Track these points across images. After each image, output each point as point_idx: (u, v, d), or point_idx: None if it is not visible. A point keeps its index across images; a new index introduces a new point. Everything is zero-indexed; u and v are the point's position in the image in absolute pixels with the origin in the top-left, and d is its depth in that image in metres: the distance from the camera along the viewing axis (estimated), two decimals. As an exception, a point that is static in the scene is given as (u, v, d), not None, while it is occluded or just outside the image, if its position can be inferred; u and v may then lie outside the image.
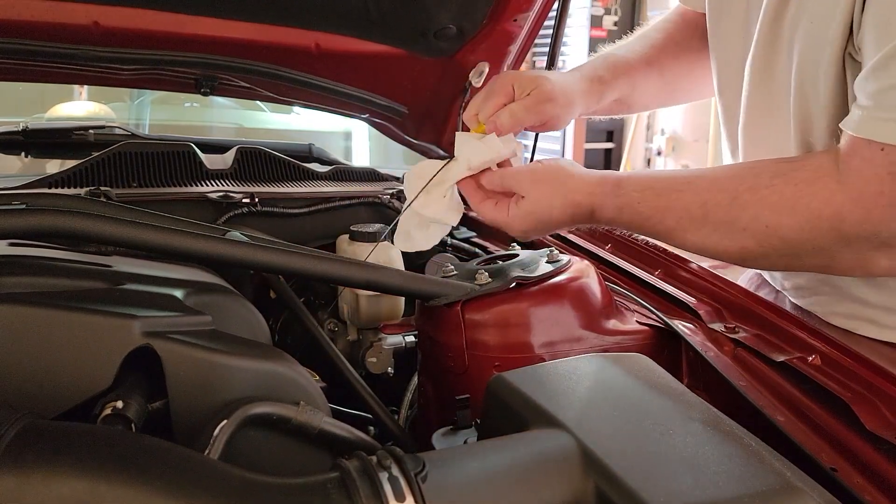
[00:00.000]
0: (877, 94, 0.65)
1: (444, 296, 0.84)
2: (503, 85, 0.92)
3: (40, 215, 0.70)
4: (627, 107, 1.10)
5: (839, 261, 0.70)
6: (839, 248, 0.69)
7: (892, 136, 0.63)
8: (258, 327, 0.79)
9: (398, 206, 1.34)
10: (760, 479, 0.48)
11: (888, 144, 0.64)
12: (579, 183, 0.83)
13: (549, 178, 0.84)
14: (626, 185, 0.81)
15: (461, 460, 0.50)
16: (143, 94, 2.50)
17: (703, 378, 0.82)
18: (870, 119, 0.65)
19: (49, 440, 0.45)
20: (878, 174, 0.65)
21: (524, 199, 0.84)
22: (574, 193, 0.83)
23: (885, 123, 0.64)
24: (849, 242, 0.68)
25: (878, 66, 0.64)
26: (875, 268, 0.70)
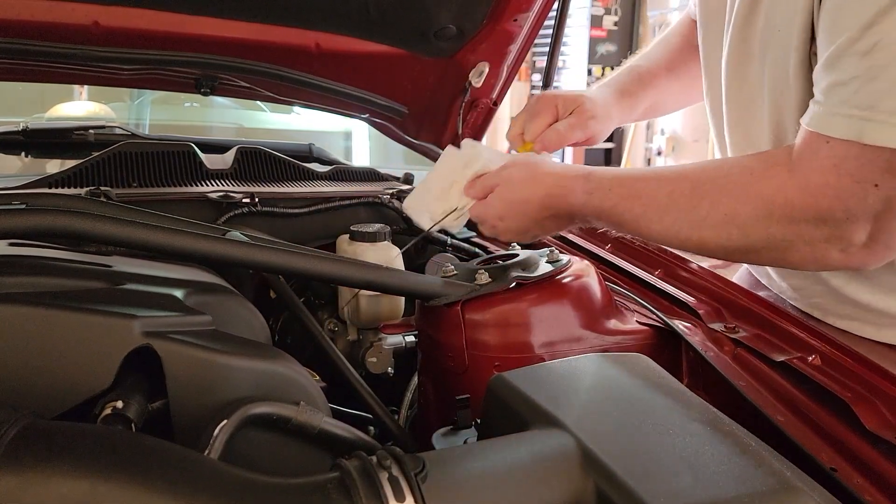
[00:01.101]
0: (826, 89, 0.67)
1: (444, 296, 0.84)
2: (546, 104, 1.00)
3: (40, 215, 0.70)
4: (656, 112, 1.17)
5: (793, 253, 0.71)
6: (792, 238, 0.70)
7: (836, 130, 0.65)
8: (258, 327, 0.79)
9: (398, 206, 1.34)
10: (760, 479, 0.48)
11: (833, 138, 0.65)
12: (549, 168, 0.87)
13: (520, 164, 0.89)
14: (596, 173, 0.84)
15: (461, 460, 0.50)
16: (143, 94, 2.50)
17: (703, 378, 0.82)
18: (819, 114, 0.67)
19: (49, 440, 0.45)
20: (823, 166, 0.66)
21: (498, 186, 0.88)
22: (544, 177, 0.86)
23: (832, 118, 0.65)
24: (800, 232, 0.69)
25: (828, 63, 0.66)
26: (829, 260, 0.71)
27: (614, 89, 1.08)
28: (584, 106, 1.00)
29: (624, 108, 1.07)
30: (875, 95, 0.62)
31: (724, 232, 0.73)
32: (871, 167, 0.64)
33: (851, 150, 0.64)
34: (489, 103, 1.41)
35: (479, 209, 0.91)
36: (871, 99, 0.62)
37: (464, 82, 1.33)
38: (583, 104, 1.00)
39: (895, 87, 0.61)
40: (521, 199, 0.87)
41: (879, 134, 0.62)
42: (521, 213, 0.87)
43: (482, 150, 0.95)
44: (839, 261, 0.70)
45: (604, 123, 1.02)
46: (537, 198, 0.85)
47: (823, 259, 0.70)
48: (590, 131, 1.00)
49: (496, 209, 0.89)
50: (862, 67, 0.62)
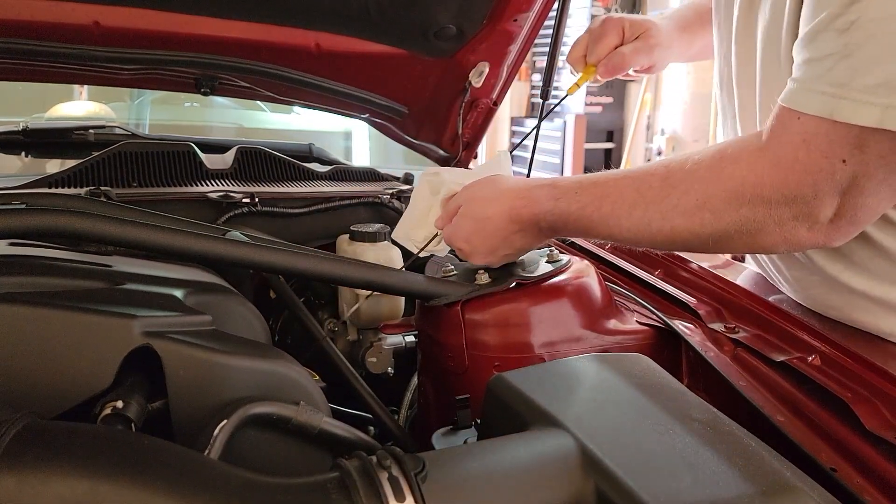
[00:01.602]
0: (801, 65, 0.67)
1: (444, 296, 0.84)
2: (613, 27, 0.98)
3: (40, 215, 0.70)
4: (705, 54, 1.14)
5: (765, 235, 0.70)
6: (762, 219, 0.69)
7: (807, 106, 0.65)
8: (258, 327, 0.79)
9: (398, 206, 1.34)
10: (760, 479, 0.48)
11: (804, 114, 0.65)
12: (513, 183, 0.86)
13: (482, 182, 0.88)
14: (561, 180, 0.83)
15: (461, 460, 0.50)
16: (143, 93, 2.50)
17: (703, 378, 0.82)
18: (793, 90, 0.67)
19: (49, 440, 0.45)
20: (793, 141, 0.66)
21: (462, 206, 0.86)
22: (508, 191, 0.84)
23: (805, 94, 0.65)
24: (770, 212, 0.69)
25: (807, 39, 0.66)
26: (798, 239, 0.70)
27: (676, 23, 1.06)
28: (651, 32, 0.99)
29: (683, 42, 1.05)
30: (848, 73, 0.62)
31: (697, 218, 0.72)
32: (840, 143, 0.64)
33: (822, 126, 0.64)
34: (489, 103, 1.42)
35: (448, 232, 0.89)
36: (843, 76, 0.62)
37: (464, 82, 1.33)
38: (649, 30, 0.99)
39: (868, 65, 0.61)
40: (485, 216, 0.84)
41: (850, 111, 0.62)
42: (488, 232, 0.84)
43: (444, 173, 0.95)
44: (807, 239, 0.70)
45: (666, 53, 1.01)
46: (502, 212, 0.83)
47: (793, 238, 0.70)
48: (654, 57, 1.00)
49: (463, 230, 0.86)
50: (839, 44, 0.62)
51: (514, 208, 0.83)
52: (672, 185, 0.73)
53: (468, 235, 0.85)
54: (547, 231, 0.84)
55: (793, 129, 0.66)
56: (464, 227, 0.86)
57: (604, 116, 5.70)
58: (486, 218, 0.84)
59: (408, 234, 0.98)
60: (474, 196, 0.86)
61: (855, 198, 0.66)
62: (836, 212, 0.67)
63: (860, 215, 0.69)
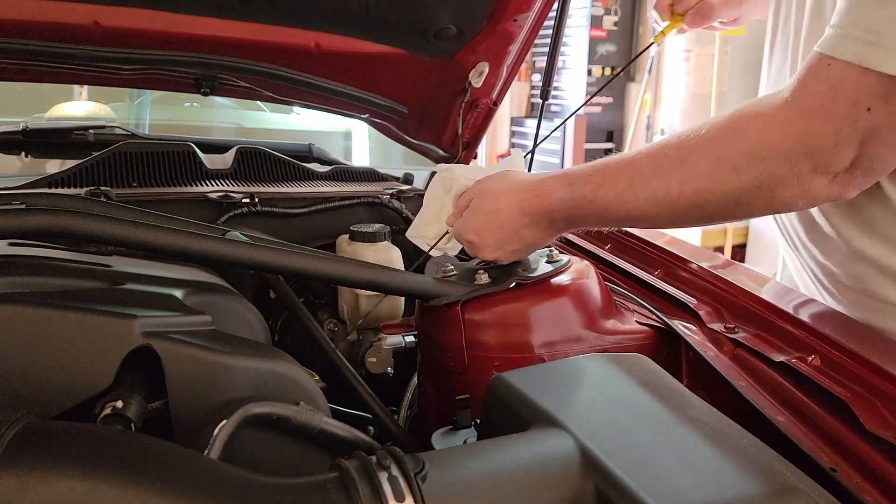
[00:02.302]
0: (841, 10, 0.67)
1: (444, 296, 0.84)
2: None
3: (40, 215, 0.70)
4: None
5: (784, 189, 0.70)
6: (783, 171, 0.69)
7: (840, 51, 0.65)
8: (258, 327, 0.79)
9: (398, 206, 1.34)
10: (760, 479, 0.49)
11: (835, 59, 0.65)
12: (524, 176, 0.86)
13: (494, 176, 0.87)
14: (572, 169, 0.83)
15: (461, 460, 0.50)
16: (143, 93, 2.50)
17: (703, 378, 0.82)
18: (829, 36, 0.67)
19: (49, 440, 0.45)
20: (820, 89, 0.66)
21: (473, 199, 0.86)
22: (520, 182, 0.84)
23: (839, 39, 0.65)
24: (791, 163, 0.68)
25: None
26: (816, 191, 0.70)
27: None
28: None
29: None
30: (884, 22, 0.62)
31: (717, 176, 0.71)
32: (867, 91, 0.64)
33: (851, 73, 0.64)
34: (489, 103, 1.41)
35: (458, 226, 0.88)
36: (879, 24, 0.62)
37: (464, 82, 1.33)
38: None
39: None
40: (496, 208, 0.84)
41: (880, 59, 0.62)
42: (498, 224, 0.84)
43: (456, 170, 0.95)
44: (824, 191, 0.70)
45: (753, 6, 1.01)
46: (514, 204, 0.83)
47: (811, 192, 0.70)
48: (742, 10, 1.00)
49: (473, 223, 0.86)
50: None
51: (526, 199, 0.82)
52: (688, 151, 0.73)
53: (478, 228, 0.85)
54: (560, 223, 0.83)
55: (822, 75, 0.66)
56: (474, 219, 0.85)
57: (604, 116, 5.70)
58: (497, 210, 0.83)
59: (420, 231, 0.99)
60: (485, 189, 0.86)
61: (874, 148, 0.67)
62: (852, 162, 0.68)
63: (876, 166, 0.69)
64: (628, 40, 5.66)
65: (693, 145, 0.73)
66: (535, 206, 0.82)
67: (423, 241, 0.98)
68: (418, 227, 0.99)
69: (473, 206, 0.86)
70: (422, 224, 0.99)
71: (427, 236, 0.97)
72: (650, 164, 0.75)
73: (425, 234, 0.98)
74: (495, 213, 0.84)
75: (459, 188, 0.92)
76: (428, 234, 0.97)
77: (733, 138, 0.71)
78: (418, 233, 0.99)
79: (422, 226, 0.98)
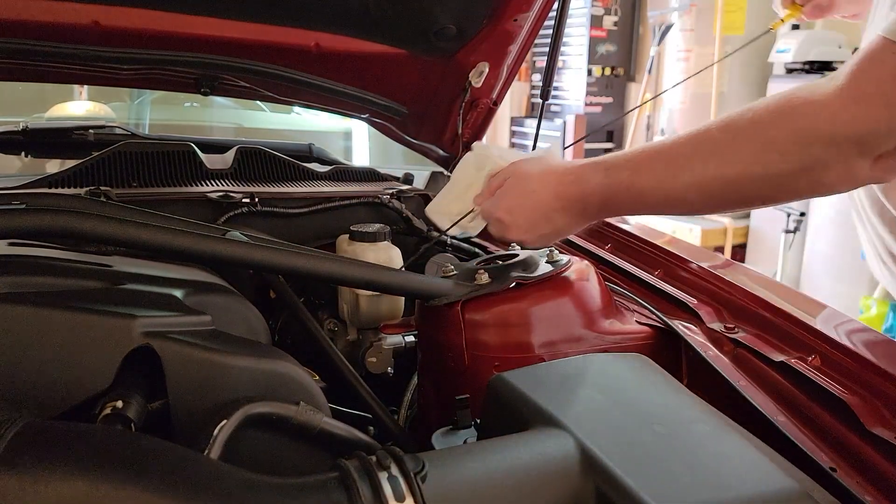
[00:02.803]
0: None
1: (444, 296, 0.84)
2: None
3: (40, 215, 0.70)
4: None
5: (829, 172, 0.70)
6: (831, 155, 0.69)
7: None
8: (258, 327, 0.79)
9: (398, 206, 1.34)
10: (760, 479, 0.49)
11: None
12: (562, 161, 0.85)
13: (532, 159, 0.87)
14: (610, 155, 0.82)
15: (461, 460, 0.50)
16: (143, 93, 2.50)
17: (703, 378, 0.82)
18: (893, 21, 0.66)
19: (48, 440, 0.45)
20: (881, 76, 0.66)
21: (508, 180, 0.86)
22: (558, 166, 0.84)
23: None
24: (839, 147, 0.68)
25: None
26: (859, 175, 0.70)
27: None
28: None
29: None
30: None
31: (763, 159, 0.71)
32: None
33: None
34: (489, 103, 1.41)
35: (488, 205, 0.88)
36: None
37: (464, 82, 1.33)
38: None
39: None
40: (531, 189, 0.83)
41: None
42: (531, 207, 0.84)
43: (492, 150, 0.94)
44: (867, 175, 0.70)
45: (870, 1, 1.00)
46: (549, 188, 0.82)
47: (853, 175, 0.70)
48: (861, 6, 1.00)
49: (505, 202, 0.85)
50: None
51: (562, 184, 0.82)
52: (734, 134, 0.73)
53: (511, 207, 0.85)
54: (593, 209, 0.83)
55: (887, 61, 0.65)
56: (507, 199, 0.85)
57: (603, 116, 5.70)
58: (532, 192, 0.83)
59: (442, 208, 0.96)
60: (522, 171, 0.86)
61: None
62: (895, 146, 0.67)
63: None
64: (628, 40, 5.66)
65: (738, 129, 0.72)
66: (570, 191, 0.82)
67: (444, 217, 0.96)
68: (442, 204, 0.96)
69: (508, 186, 0.86)
70: (446, 200, 0.96)
71: (450, 213, 0.95)
72: (691, 149, 0.75)
73: (448, 211, 0.95)
74: (529, 195, 0.84)
75: (493, 168, 0.91)
76: (451, 211, 0.94)
77: (782, 122, 0.70)
78: (440, 209, 0.96)
79: (446, 202, 0.96)
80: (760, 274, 1.07)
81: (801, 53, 3.87)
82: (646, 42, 5.47)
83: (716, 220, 4.49)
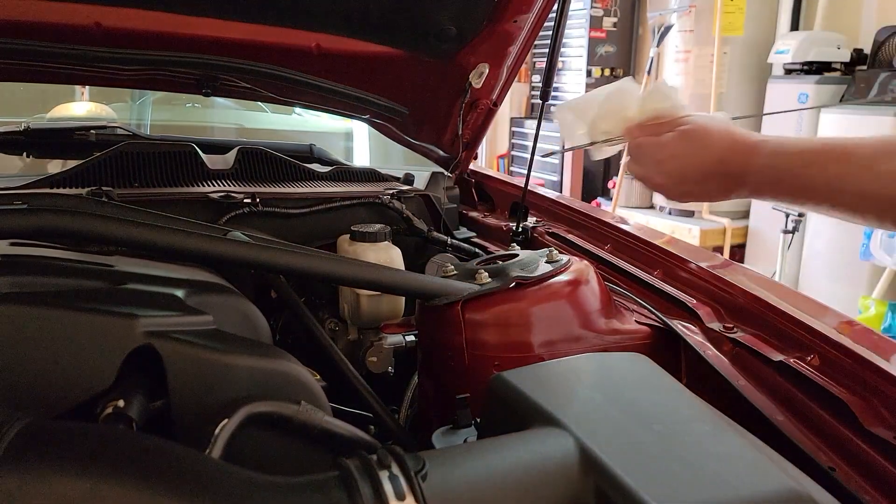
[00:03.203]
0: None
1: (444, 296, 0.84)
2: None
3: (42, 215, 0.70)
4: None
5: None
6: None
7: None
8: (259, 327, 0.79)
9: (398, 206, 1.34)
10: (760, 479, 0.49)
11: None
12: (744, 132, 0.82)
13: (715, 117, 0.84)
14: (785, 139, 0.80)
15: (461, 459, 0.51)
16: (145, 94, 2.50)
17: (703, 378, 0.82)
18: None
19: (50, 440, 0.45)
20: None
21: (683, 127, 0.82)
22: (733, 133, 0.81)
23: None
24: None
25: None
26: None
27: None
28: None
29: None
30: None
31: None
32: None
33: None
34: (489, 104, 1.42)
35: (645, 145, 0.84)
36: None
37: (464, 83, 1.33)
38: None
39: None
40: (703, 145, 0.81)
41: None
42: (693, 162, 0.81)
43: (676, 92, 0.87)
44: None
45: None
46: (718, 149, 0.80)
47: None
48: None
49: (667, 149, 0.82)
50: None
51: (732, 151, 0.80)
52: None
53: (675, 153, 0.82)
54: (749, 187, 0.80)
55: None
56: (669, 147, 0.82)
57: (603, 117, 5.69)
58: (703, 147, 0.81)
59: (588, 119, 0.88)
60: (701, 124, 0.82)
61: None
62: None
63: None
64: (627, 41, 5.66)
65: None
66: (735, 160, 0.80)
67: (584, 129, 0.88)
68: (585, 111, 0.88)
69: (680, 133, 0.82)
70: (590, 110, 0.88)
71: (595, 127, 0.87)
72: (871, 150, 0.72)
73: (593, 125, 0.88)
74: (698, 150, 0.81)
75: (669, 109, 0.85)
76: (596, 127, 0.87)
77: None
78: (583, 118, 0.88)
79: (590, 112, 0.87)
80: (759, 274, 1.07)
81: (801, 54, 3.87)
82: (645, 43, 5.46)
83: (715, 220, 4.49)
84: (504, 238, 1.36)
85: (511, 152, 6.30)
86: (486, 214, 1.54)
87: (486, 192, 1.61)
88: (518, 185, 1.45)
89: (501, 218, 1.49)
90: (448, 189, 1.52)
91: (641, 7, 5.54)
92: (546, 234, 1.30)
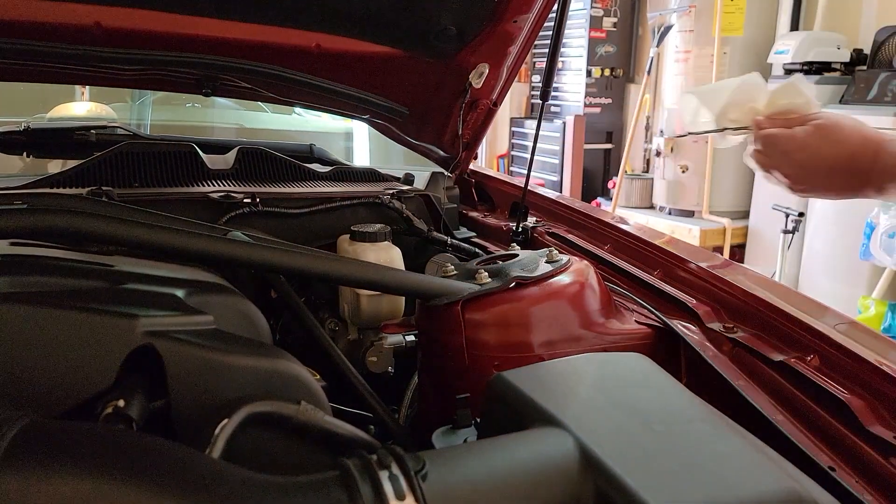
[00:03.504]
0: None
1: (444, 296, 0.84)
2: None
3: (42, 215, 0.70)
4: None
5: None
6: None
7: None
8: (259, 326, 0.79)
9: (398, 206, 1.34)
10: (760, 479, 0.49)
11: None
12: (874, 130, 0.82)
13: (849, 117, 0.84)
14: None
15: (461, 459, 0.51)
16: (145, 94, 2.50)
17: (703, 377, 0.82)
18: None
19: (50, 440, 0.46)
20: None
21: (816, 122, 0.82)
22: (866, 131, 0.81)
23: None
24: None
25: None
26: None
27: None
28: None
29: None
30: None
31: None
32: None
33: None
34: (489, 104, 1.42)
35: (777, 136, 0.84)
36: None
37: (464, 83, 1.33)
38: None
39: None
40: (836, 140, 0.81)
41: None
42: (822, 156, 0.81)
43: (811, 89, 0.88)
44: None
45: None
46: (850, 145, 0.80)
47: None
48: None
49: (800, 142, 0.82)
50: None
51: (862, 147, 0.80)
52: None
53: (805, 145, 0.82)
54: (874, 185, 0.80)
55: None
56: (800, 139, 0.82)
57: (603, 117, 5.70)
58: (836, 142, 0.81)
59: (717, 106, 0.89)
60: (835, 120, 0.83)
61: None
62: None
63: None
64: (627, 41, 5.66)
65: None
66: (866, 158, 0.80)
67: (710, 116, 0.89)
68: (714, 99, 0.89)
69: (814, 127, 0.82)
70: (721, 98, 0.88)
71: (723, 115, 0.88)
72: None
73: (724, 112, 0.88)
74: (831, 145, 0.81)
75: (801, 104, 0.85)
76: (725, 114, 0.88)
77: None
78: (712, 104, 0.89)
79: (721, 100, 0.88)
80: (759, 274, 1.07)
81: (800, 54, 3.87)
82: (645, 43, 5.47)
83: (715, 220, 4.49)
84: (504, 238, 1.36)
85: (511, 152, 6.30)
86: (486, 214, 1.54)
87: (486, 192, 1.61)
88: (518, 185, 1.45)
89: (501, 218, 1.49)
90: (448, 189, 1.52)
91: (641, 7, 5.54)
92: (546, 234, 1.30)
